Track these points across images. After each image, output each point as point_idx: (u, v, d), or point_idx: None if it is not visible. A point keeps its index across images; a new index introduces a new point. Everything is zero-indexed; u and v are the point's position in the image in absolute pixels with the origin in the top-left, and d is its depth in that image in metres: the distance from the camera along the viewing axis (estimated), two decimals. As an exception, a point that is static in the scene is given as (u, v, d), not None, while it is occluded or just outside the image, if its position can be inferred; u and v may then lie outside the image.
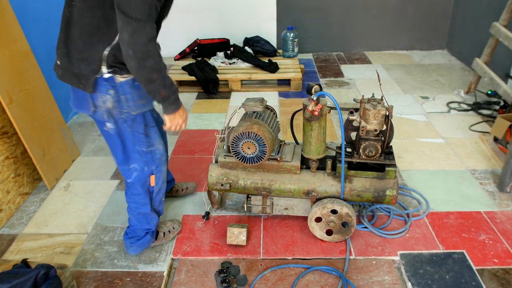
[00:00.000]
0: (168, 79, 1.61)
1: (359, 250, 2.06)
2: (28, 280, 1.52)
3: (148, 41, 1.49)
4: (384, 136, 2.01)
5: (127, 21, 1.45)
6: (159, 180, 1.95)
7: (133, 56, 1.49)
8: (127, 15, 1.44)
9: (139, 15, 1.45)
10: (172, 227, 2.16)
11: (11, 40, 2.41)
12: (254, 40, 4.59)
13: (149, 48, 1.50)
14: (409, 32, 5.06)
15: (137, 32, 1.46)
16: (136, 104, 1.69)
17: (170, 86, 1.62)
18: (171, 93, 1.64)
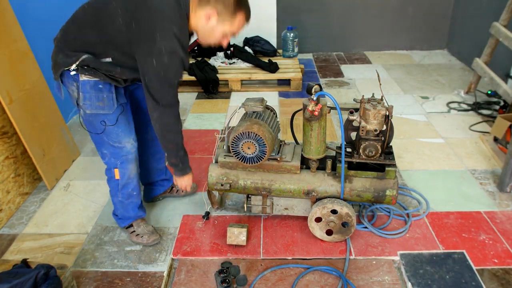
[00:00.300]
0: (182, 151, 1.91)
1: (359, 250, 2.06)
2: (28, 280, 1.52)
3: (173, 121, 1.78)
4: (384, 136, 2.01)
5: (157, 106, 1.70)
6: (123, 175, 1.99)
7: (158, 129, 1.79)
8: (156, 101, 1.69)
9: (167, 101, 1.71)
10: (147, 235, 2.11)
11: (11, 40, 2.41)
12: (254, 40, 4.59)
13: (172, 127, 1.79)
14: (409, 32, 5.06)
15: (165, 114, 1.74)
16: (93, 104, 1.78)
17: (181, 157, 1.92)
18: (181, 163, 1.95)
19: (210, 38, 1.72)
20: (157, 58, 1.58)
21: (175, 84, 1.69)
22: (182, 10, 1.61)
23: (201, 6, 1.63)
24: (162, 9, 1.58)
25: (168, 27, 1.57)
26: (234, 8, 1.63)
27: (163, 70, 1.61)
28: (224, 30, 1.69)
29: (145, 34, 1.58)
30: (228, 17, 1.65)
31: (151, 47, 1.58)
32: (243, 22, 1.71)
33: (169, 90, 1.68)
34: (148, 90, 1.66)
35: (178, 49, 1.59)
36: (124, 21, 1.60)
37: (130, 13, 1.60)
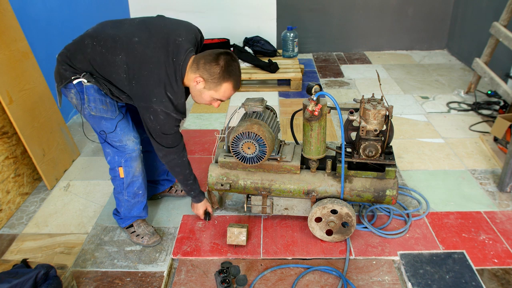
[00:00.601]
0: (191, 180, 2.07)
1: (359, 250, 2.06)
2: (28, 280, 1.52)
3: (177, 157, 1.94)
4: (384, 136, 2.01)
5: (160, 147, 1.88)
6: (128, 173, 2.01)
7: (166, 165, 1.98)
8: (159, 143, 1.87)
9: (169, 145, 1.88)
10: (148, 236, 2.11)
11: (11, 40, 2.41)
12: (254, 40, 4.59)
13: (177, 162, 1.96)
14: (409, 32, 5.06)
15: (170, 153, 1.91)
16: (97, 107, 1.86)
17: (191, 185, 2.09)
18: (191, 191, 2.13)
19: (200, 99, 1.85)
20: (153, 116, 1.76)
21: (174, 132, 1.85)
22: (178, 74, 1.75)
23: (192, 71, 1.76)
24: (159, 75, 1.73)
25: (163, 93, 1.73)
26: (219, 78, 1.74)
27: (159, 125, 1.79)
28: (211, 95, 1.81)
29: (143, 95, 1.74)
30: (213, 85, 1.76)
31: (148, 108, 1.75)
32: (229, 91, 1.80)
33: (168, 137, 1.85)
34: (151, 135, 1.85)
35: (171, 111, 1.76)
36: (128, 78, 1.75)
37: (133, 73, 1.74)
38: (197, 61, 1.75)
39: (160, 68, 1.73)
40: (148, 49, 1.75)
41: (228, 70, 1.74)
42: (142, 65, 1.73)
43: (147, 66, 1.73)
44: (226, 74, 1.74)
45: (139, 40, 1.76)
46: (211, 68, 1.73)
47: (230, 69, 1.75)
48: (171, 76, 1.74)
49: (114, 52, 1.76)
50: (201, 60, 1.74)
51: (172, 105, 1.75)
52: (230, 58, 1.76)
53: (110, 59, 1.77)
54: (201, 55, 1.76)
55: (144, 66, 1.73)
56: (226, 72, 1.74)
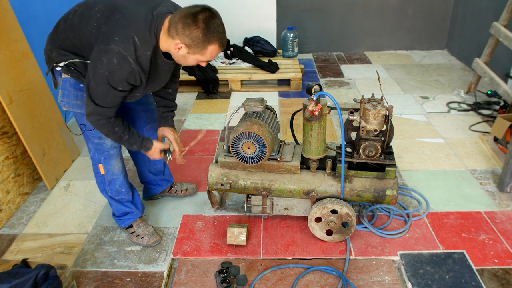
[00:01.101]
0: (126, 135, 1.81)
1: (359, 250, 2.06)
2: (28, 280, 1.52)
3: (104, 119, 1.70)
4: (384, 136, 2.01)
5: (90, 103, 1.66)
6: (108, 171, 1.99)
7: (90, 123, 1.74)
8: (91, 98, 1.65)
9: (101, 102, 1.65)
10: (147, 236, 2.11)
11: (11, 40, 2.41)
12: (254, 40, 4.59)
13: (102, 122, 1.71)
14: (409, 32, 5.06)
15: (95, 113, 1.68)
16: (70, 102, 1.81)
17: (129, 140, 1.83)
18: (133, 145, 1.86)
19: (185, 62, 1.70)
20: (107, 59, 1.55)
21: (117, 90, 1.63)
22: (152, 25, 1.61)
23: (170, 36, 1.59)
24: (132, 20, 1.60)
25: (129, 33, 1.57)
26: (203, 41, 1.57)
27: (108, 71, 1.57)
28: (197, 59, 1.66)
29: (107, 36, 1.58)
30: (198, 49, 1.60)
31: (106, 49, 1.55)
32: (216, 51, 1.65)
33: (109, 93, 1.63)
34: (88, 86, 1.63)
35: (130, 55, 1.56)
36: (98, 24, 1.62)
37: (105, 18, 1.62)
38: (175, 25, 1.56)
39: (135, 14, 1.61)
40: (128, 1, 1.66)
41: (210, 30, 1.56)
42: (117, 10, 1.62)
43: (122, 11, 1.61)
44: (209, 35, 1.56)
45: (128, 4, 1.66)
46: (191, 32, 1.55)
47: (213, 29, 1.56)
48: (144, 24, 1.60)
49: (92, 6, 1.67)
50: (178, 24, 1.56)
51: (134, 49, 1.57)
52: (210, 16, 1.56)
53: (86, 13, 1.67)
54: (177, 18, 1.56)
55: (119, 11, 1.61)
56: (209, 33, 1.56)
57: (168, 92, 2.06)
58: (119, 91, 1.64)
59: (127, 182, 2.10)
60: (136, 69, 1.60)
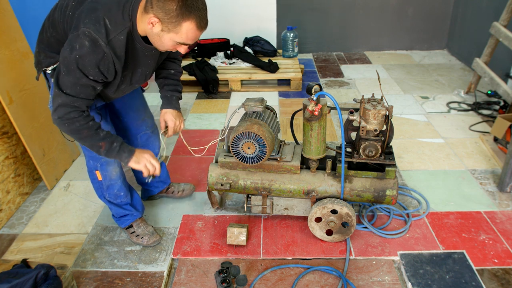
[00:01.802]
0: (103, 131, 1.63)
1: (359, 250, 2.06)
2: (28, 280, 1.52)
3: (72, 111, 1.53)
4: (384, 136, 2.01)
5: (58, 93, 1.51)
6: (105, 177, 1.95)
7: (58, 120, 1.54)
8: (59, 88, 1.51)
9: (70, 91, 1.51)
10: (147, 236, 2.10)
11: (11, 40, 2.41)
12: (254, 40, 4.59)
13: (72, 116, 1.53)
14: (409, 32, 5.06)
15: (64, 105, 1.51)
16: None
17: (105, 137, 1.63)
18: (113, 142, 1.65)
19: (161, 45, 1.54)
20: (79, 42, 1.43)
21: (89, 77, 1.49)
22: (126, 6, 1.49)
23: (145, 11, 1.47)
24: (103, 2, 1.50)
25: (99, 16, 1.46)
26: (177, 15, 1.41)
27: (79, 55, 1.44)
28: (172, 38, 1.49)
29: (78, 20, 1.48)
30: (172, 26, 1.44)
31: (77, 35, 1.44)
32: (192, 31, 1.47)
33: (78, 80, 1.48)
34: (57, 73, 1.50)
35: (102, 38, 1.44)
36: (72, 12, 1.53)
37: (79, 4, 1.53)
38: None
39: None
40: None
41: (187, 5, 1.40)
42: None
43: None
44: (185, 10, 1.41)
45: None
46: (165, 4, 1.40)
47: (190, 3, 1.41)
48: (117, 5, 1.48)
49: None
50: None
51: (105, 31, 1.44)
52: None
53: (63, 5, 1.59)
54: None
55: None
56: (185, 7, 1.40)
57: (170, 73, 1.95)
58: (91, 80, 1.50)
59: (125, 186, 2.06)
60: (109, 54, 1.47)
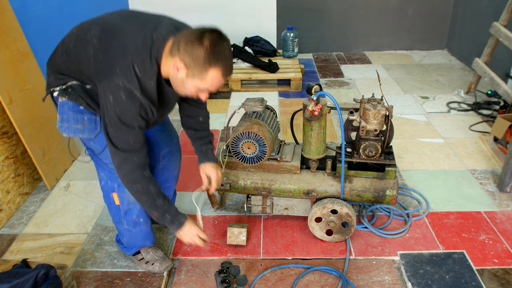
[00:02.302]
0: (160, 200, 1.62)
1: (359, 250, 2.06)
2: (28, 280, 1.52)
3: (136, 169, 1.54)
4: (384, 136, 2.01)
5: (115, 151, 1.52)
6: (123, 199, 1.79)
7: (123, 180, 1.57)
8: (114, 145, 1.51)
9: (126, 146, 1.51)
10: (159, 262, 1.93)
11: (11, 40, 2.41)
12: (254, 40, 4.59)
13: (136, 175, 1.55)
14: (409, 32, 5.06)
15: (125, 161, 1.53)
16: (70, 127, 1.64)
17: (161, 207, 1.63)
18: (165, 213, 1.65)
19: (183, 90, 1.50)
20: (114, 96, 1.43)
21: (135, 128, 1.49)
22: (153, 51, 1.46)
23: (171, 55, 1.43)
24: (129, 45, 1.45)
25: (128, 64, 1.43)
26: (204, 63, 1.39)
27: (119, 109, 1.44)
28: (196, 85, 1.45)
29: (107, 68, 1.44)
30: (197, 72, 1.41)
31: (109, 85, 1.43)
32: (218, 79, 1.44)
33: (128, 134, 1.49)
34: (106, 132, 1.50)
35: (135, 88, 1.42)
36: (95, 51, 1.48)
37: (102, 44, 1.48)
38: (177, 42, 1.41)
39: (133, 39, 1.45)
40: (126, 22, 1.50)
41: (215, 52, 1.38)
42: (114, 36, 1.47)
43: (120, 36, 1.46)
44: (213, 57, 1.38)
45: (120, 16, 1.54)
46: (193, 50, 1.37)
47: (218, 51, 1.39)
48: (144, 50, 1.44)
49: (88, 29, 1.52)
50: (181, 41, 1.40)
51: (137, 80, 1.42)
52: (218, 36, 1.40)
53: (82, 37, 1.53)
54: (182, 35, 1.41)
55: (116, 37, 1.46)
56: (213, 55, 1.38)
57: (199, 121, 1.87)
58: (137, 129, 1.49)
59: (145, 211, 1.80)
60: (146, 102, 1.46)
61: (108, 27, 1.50)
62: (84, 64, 1.52)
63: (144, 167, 1.57)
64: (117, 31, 1.48)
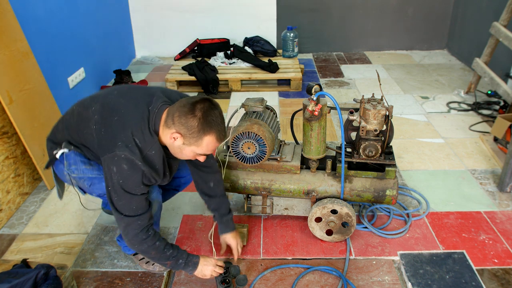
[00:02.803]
0: (169, 251, 1.69)
1: (359, 250, 2.06)
2: (28, 280, 1.52)
3: (140, 231, 1.61)
4: (384, 136, 2.01)
5: (120, 217, 1.60)
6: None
7: (129, 242, 1.64)
8: (118, 211, 1.59)
9: (128, 213, 1.59)
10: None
11: (11, 40, 2.41)
12: (254, 40, 4.59)
13: (141, 237, 1.62)
14: (409, 32, 5.06)
15: (129, 226, 1.60)
16: (79, 168, 1.72)
17: (172, 255, 1.70)
18: (178, 260, 1.72)
19: (182, 155, 1.62)
20: (117, 167, 1.53)
21: (138, 195, 1.58)
22: (151, 123, 1.58)
23: (167, 127, 1.56)
24: (129, 120, 1.57)
25: (129, 138, 1.54)
26: (199, 131, 1.51)
27: (122, 178, 1.53)
28: (193, 151, 1.57)
29: (110, 142, 1.55)
30: (193, 140, 1.53)
31: (112, 158, 1.53)
32: (213, 144, 1.56)
33: (131, 201, 1.58)
34: (110, 199, 1.59)
35: (138, 159, 1.52)
36: (97, 127, 1.59)
37: (103, 120, 1.59)
38: (172, 115, 1.54)
39: (132, 114, 1.58)
40: (124, 98, 1.63)
41: (207, 121, 1.51)
42: (114, 112, 1.59)
43: (119, 112, 1.59)
44: (206, 126, 1.51)
45: (118, 92, 1.67)
46: (187, 121, 1.50)
47: (210, 119, 1.51)
48: (142, 123, 1.57)
49: (89, 106, 1.65)
50: (175, 113, 1.53)
51: (139, 152, 1.53)
52: (209, 106, 1.52)
53: (84, 114, 1.66)
54: (175, 107, 1.55)
55: (116, 112, 1.59)
56: (206, 123, 1.50)
57: (210, 186, 1.93)
58: (140, 195, 1.59)
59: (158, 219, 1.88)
60: (147, 170, 1.55)
61: (107, 104, 1.62)
62: (89, 139, 1.65)
63: (148, 228, 1.64)
64: (116, 107, 1.60)
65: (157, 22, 4.88)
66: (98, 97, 1.68)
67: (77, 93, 3.52)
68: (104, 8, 4.17)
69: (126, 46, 4.85)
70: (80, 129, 1.67)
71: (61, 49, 3.28)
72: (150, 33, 4.96)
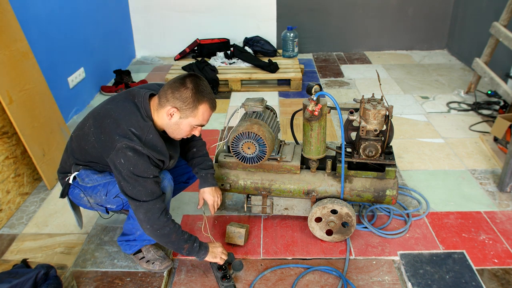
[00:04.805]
0: (185, 234, 1.77)
1: (359, 250, 2.06)
2: (28, 280, 1.52)
3: (160, 214, 1.68)
4: (384, 136, 2.01)
5: (138, 204, 1.65)
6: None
7: (151, 229, 1.68)
8: (135, 199, 1.65)
9: (145, 197, 1.64)
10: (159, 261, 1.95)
11: (11, 40, 2.41)
12: (254, 40, 4.59)
13: (162, 220, 1.68)
14: (409, 32, 5.06)
15: (150, 211, 1.66)
16: (91, 177, 1.81)
17: (188, 239, 1.78)
18: (194, 243, 1.79)
19: (179, 132, 1.71)
20: (123, 157, 1.60)
21: (151, 177, 1.64)
22: (142, 110, 1.67)
23: (161, 106, 1.66)
24: (121, 118, 1.65)
25: (125, 129, 1.62)
26: (193, 101, 1.62)
27: (132, 165, 1.60)
28: (190, 123, 1.68)
29: (110, 140, 1.63)
30: (189, 111, 1.64)
31: (117, 152, 1.60)
32: (208, 112, 1.68)
33: (146, 184, 1.63)
34: (125, 193, 1.65)
35: (138, 144, 1.60)
36: (96, 137, 1.68)
37: (99, 129, 1.68)
38: (164, 94, 1.65)
39: (122, 112, 1.67)
40: (110, 104, 1.73)
41: (199, 90, 1.63)
42: (105, 117, 1.68)
43: (110, 115, 1.68)
44: (199, 95, 1.63)
45: (103, 103, 1.76)
46: (181, 94, 1.62)
47: (201, 89, 1.64)
48: (133, 115, 1.66)
49: (83, 125, 1.76)
50: (168, 91, 1.64)
51: (137, 138, 1.62)
52: (196, 78, 1.66)
53: (81, 134, 1.75)
54: (165, 87, 1.66)
55: (107, 116, 1.68)
56: (199, 93, 1.63)
57: (193, 151, 2.00)
58: (153, 178, 1.65)
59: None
60: (151, 154, 1.64)
61: (98, 114, 1.73)
62: (92, 152, 1.73)
63: (167, 211, 1.72)
64: (107, 113, 1.69)
65: (157, 22, 4.89)
66: (88, 115, 1.79)
67: (77, 93, 3.52)
68: (104, 8, 4.17)
69: (126, 46, 4.85)
70: (83, 147, 1.76)
71: (61, 49, 3.28)
72: (150, 33, 4.96)
